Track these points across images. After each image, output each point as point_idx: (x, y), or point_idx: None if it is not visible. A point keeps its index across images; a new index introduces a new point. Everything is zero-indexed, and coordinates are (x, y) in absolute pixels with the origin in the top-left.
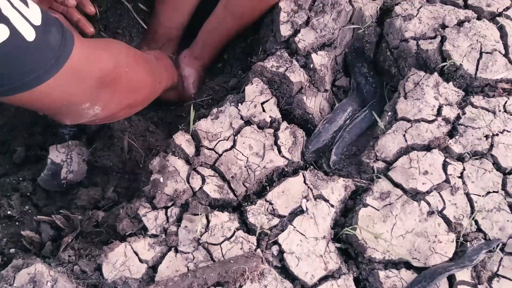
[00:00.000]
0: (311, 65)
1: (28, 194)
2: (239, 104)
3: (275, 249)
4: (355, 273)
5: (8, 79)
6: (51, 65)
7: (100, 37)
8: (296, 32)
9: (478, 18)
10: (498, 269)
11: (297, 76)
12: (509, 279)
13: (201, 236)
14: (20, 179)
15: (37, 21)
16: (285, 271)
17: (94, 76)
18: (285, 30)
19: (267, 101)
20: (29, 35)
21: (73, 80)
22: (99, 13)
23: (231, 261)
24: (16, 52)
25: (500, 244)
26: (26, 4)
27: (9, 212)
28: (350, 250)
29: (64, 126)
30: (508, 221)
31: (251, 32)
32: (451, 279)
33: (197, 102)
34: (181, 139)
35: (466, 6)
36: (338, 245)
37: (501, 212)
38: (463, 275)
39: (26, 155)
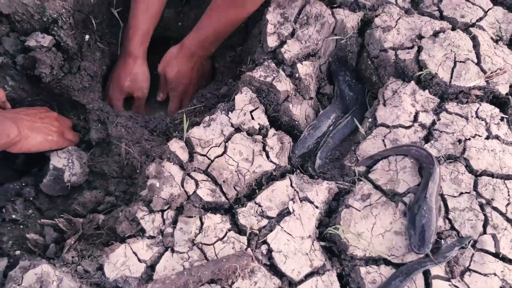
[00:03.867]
0: (297, 75)
1: (31, 198)
2: (230, 112)
3: (264, 248)
4: (338, 269)
5: None
6: None
7: (95, 48)
8: (282, 43)
9: (453, 29)
10: (469, 264)
11: (284, 85)
12: (479, 273)
13: (195, 237)
14: (23, 184)
15: None
16: (273, 268)
17: None
18: (272, 41)
19: (255, 109)
20: None
21: None
22: (95, 24)
23: (224, 260)
24: None
25: (472, 241)
26: None
27: (13, 216)
28: (334, 248)
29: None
30: (479, 219)
31: (240, 42)
32: (426, 274)
33: (190, 109)
34: (176, 146)
35: (441, 17)
36: (322, 243)
37: (472, 211)
38: (437, 270)
39: (26, 162)
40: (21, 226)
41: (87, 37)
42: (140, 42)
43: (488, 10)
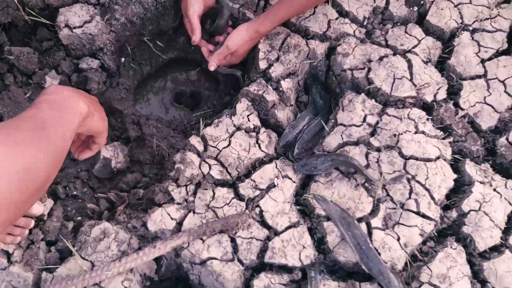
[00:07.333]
0: (281, 88)
1: (86, 180)
2: (232, 116)
3: (257, 210)
4: (308, 224)
5: None
6: None
7: (129, 67)
8: (270, 65)
9: (394, 54)
10: (399, 219)
11: (271, 96)
12: (405, 225)
13: (209, 203)
14: (79, 170)
15: None
16: (264, 223)
17: None
18: (262, 64)
19: (251, 114)
20: None
21: None
22: (129, 50)
23: (230, 217)
24: None
25: (400, 204)
26: None
27: (74, 193)
28: (306, 210)
29: None
30: (406, 189)
31: (240, 64)
32: (368, 225)
33: (202, 113)
34: (194, 140)
35: (387, 45)
36: (298, 207)
37: (402, 183)
38: (376, 223)
39: None
40: (80, 200)
41: (123, 59)
42: None
43: (421, 39)
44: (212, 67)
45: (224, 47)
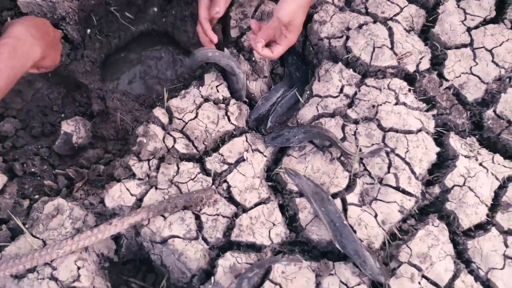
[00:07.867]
0: (253, 58)
1: (46, 157)
2: (200, 87)
3: (225, 185)
4: (280, 201)
5: None
6: None
7: (95, 39)
8: (242, 34)
9: (374, 22)
10: (377, 195)
11: (242, 66)
12: (384, 201)
13: (173, 178)
14: (39, 146)
15: None
16: (231, 200)
17: None
18: (234, 33)
19: (220, 84)
20: None
21: None
22: (95, 20)
23: (194, 192)
24: None
25: (378, 178)
26: None
27: (33, 170)
28: (277, 186)
29: None
30: (384, 163)
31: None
32: (344, 201)
33: (172, 87)
34: (159, 112)
35: (367, 13)
36: (269, 183)
37: (380, 157)
38: (352, 199)
39: (42, 130)
40: (39, 178)
41: (88, 30)
42: None
43: (404, 7)
44: (259, 46)
45: (274, 19)
